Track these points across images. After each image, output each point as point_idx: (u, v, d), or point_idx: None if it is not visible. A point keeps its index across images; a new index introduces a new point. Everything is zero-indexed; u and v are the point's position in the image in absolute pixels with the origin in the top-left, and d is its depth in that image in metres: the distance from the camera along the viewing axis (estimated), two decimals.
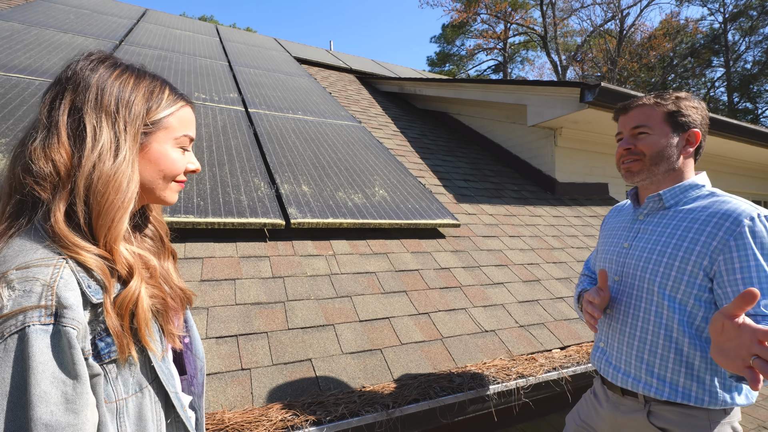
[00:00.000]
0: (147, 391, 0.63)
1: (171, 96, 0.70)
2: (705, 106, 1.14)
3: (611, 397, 1.18)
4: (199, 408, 0.85)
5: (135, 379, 0.61)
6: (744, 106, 22.88)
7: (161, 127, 0.68)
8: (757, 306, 0.89)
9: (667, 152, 1.09)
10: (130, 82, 0.65)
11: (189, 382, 0.84)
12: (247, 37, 7.10)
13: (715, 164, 4.94)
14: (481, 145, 4.73)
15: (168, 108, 0.69)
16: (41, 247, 0.54)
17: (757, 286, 0.90)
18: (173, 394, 0.67)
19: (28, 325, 0.49)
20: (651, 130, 1.10)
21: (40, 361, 0.49)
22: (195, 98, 3.17)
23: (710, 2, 22.01)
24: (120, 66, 0.66)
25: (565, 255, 2.72)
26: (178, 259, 1.70)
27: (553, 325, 1.99)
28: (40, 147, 0.57)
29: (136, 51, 3.96)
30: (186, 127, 0.72)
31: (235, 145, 2.59)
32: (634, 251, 1.13)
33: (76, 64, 0.63)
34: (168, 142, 0.69)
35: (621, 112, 1.18)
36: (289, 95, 4.13)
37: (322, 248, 2.06)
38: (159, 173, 0.68)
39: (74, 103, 0.60)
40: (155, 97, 0.67)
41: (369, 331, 1.63)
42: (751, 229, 0.93)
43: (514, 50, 26.22)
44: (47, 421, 0.48)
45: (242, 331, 1.47)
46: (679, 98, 1.11)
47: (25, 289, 0.50)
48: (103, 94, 0.62)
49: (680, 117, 1.09)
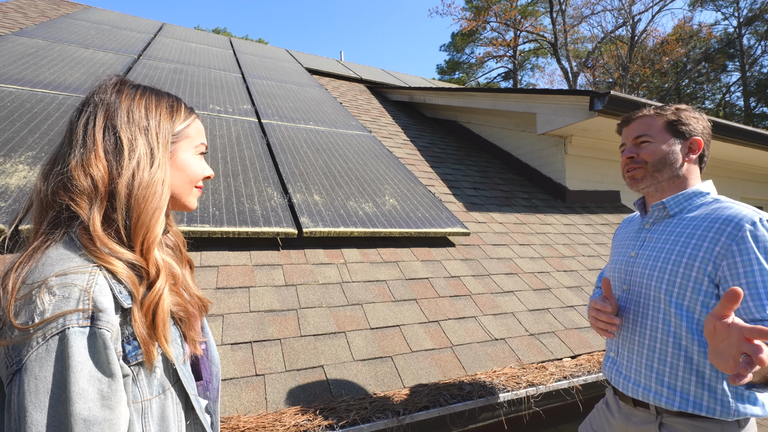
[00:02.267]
0: (169, 393, 0.66)
1: (186, 110, 0.78)
2: (706, 118, 1.16)
3: (623, 408, 1.18)
4: (214, 412, 0.89)
5: (158, 381, 0.64)
6: (761, 111, 22.44)
7: (183, 137, 0.75)
8: (762, 311, 0.90)
9: (669, 159, 1.11)
10: (153, 100, 0.72)
11: (205, 387, 0.88)
12: (259, 49, 7.26)
13: (729, 171, 4.87)
14: (491, 154, 4.75)
15: (186, 120, 0.76)
16: (76, 256, 0.58)
17: (761, 290, 0.91)
18: (193, 397, 0.70)
19: (67, 327, 0.53)
20: (652, 138, 1.13)
21: (78, 360, 0.53)
22: (210, 110, 3.26)
23: (724, 7, 21.77)
24: (141, 87, 0.73)
25: (575, 263, 2.71)
26: (195, 267, 1.75)
27: (563, 333, 1.98)
28: (77, 164, 0.62)
29: (153, 65, 4.10)
30: (201, 136, 0.79)
31: (248, 156, 2.66)
32: (641, 260, 1.14)
33: (102, 88, 0.69)
34: (190, 150, 0.76)
35: (624, 125, 1.21)
36: (301, 106, 4.21)
37: (333, 257, 2.10)
38: (186, 178, 0.74)
39: (107, 122, 0.66)
40: (176, 110, 0.75)
41: (380, 339, 1.66)
42: (753, 233, 0.94)
43: (524, 57, 26.22)
44: (85, 416, 0.52)
45: (256, 337, 1.51)
46: (679, 109, 1.14)
47: (64, 295, 0.54)
48: (133, 111, 0.68)
49: (681, 126, 1.12)
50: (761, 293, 0.91)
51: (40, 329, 0.52)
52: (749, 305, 0.92)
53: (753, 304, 0.92)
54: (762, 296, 0.91)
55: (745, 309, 0.93)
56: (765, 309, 0.90)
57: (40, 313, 0.52)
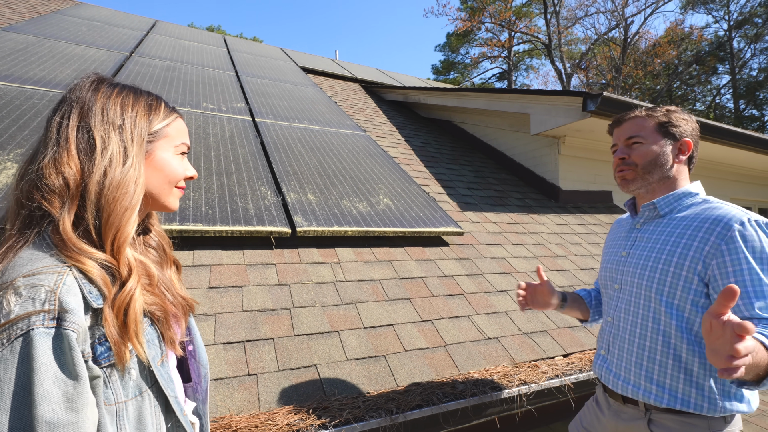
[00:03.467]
0: (147, 395, 0.65)
1: (166, 109, 0.77)
2: (695, 119, 1.18)
3: (612, 405, 1.19)
4: (203, 414, 0.88)
5: (134, 383, 0.63)
6: (750, 113, 22.76)
7: (162, 136, 0.74)
8: (752, 309, 0.91)
9: (660, 160, 1.13)
10: (130, 98, 0.71)
11: (194, 389, 0.87)
12: (254, 48, 7.22)
13: (719, 172, 4.93)
14: (485, 154, 4.77)
15: (166, 119, 0.75)
16: (47, 256, 0.57)
17: (750, 288, 0.92)
18: (173, 399, 0.69)
19: (32, 328, 0.52)
20: (644, 139, 1.14)
21: (43, 362, 0.52)
22: (203, 108, 3.24)
23: (715, 10, 22.04)
24: (119, 85, 0.73)
25: (568, 263, 2.73)
26: (187, 267, 1.74)
27: (556, 332, 2.00)
28: (50, 162, 0.61)
29: (146, 62, 4.06)
30: (183, 136, 0.78)
31: (242, 154, 2.64)
32: (632, 259, 1.16)
33: (79, 86, 0.68)
34: (169, 150, 0.75)
35: (615, 125, 1.22)
36: (296, 105, 4.20)
37: (327, 256, 2.10)
38: (164, 178, 0.73)
39: (81, 120, 0.65)
40: (154, 109, 0.74)
41: (373, 338, 1.66)
42: (741, 233, 0.96)
43: (518, 58, 26.36)
44: (49, 419, 0.51)
45: (249, 337, 1.50)
46: (669, 110, 1.16)
47: (30, 295, 0.53)
48: (108, 109, 0.67)
49: (671, 127, 1.13)
50: (750, 292, 0.93)
51: (4, 330, 0.51)
52: (738, 304, 0.94)
53: (742, 302, 0.93)
54: (750, 295, 0.93)
55: (735, 307, 0.94)
56: (753, 307, 0.91)
57: (6, 314, 0.52)
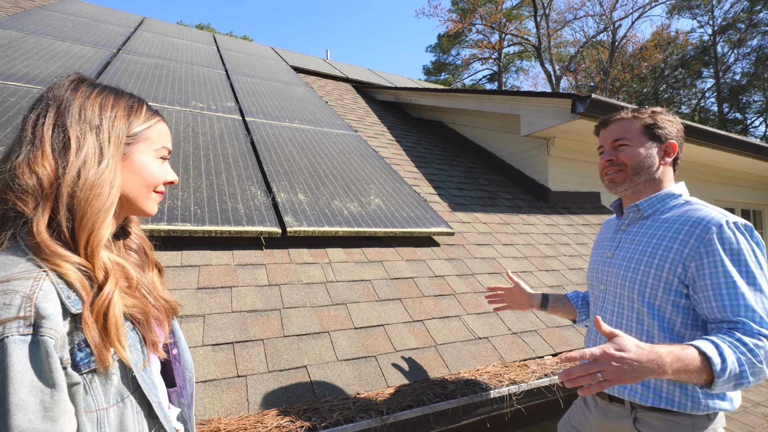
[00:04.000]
0: (129, 401, 0.63)
1: (148, 111, 0.75)
2: (679, 120, 1.20)
3: (600, 404, 1.20)
4: (189, 419, 0.86)
5: (116, 388, 0.62)
6: (734, 117, 23.27)
7: (142, 139, 0.72)
8: (723, 311, 0.93)
9: (646, 162, 1.14)
10: (110, 99, 0.70)
11: (178, 394, 0.86)
12: (244, 46, 7.16)
13: (704, 174, 5.03)
14: (476, 154, 4.79)
15: (147, 121, 0.74)
16: (23, 261, 0.56)
17: (723, 291, 0.94)
18: (156, 405, 0.67)
19: (6, 336, 0.50)
20: (630, 141, 1.15)
21: (18, 370, 0.50)
22: (192, 107, 3.20)
23: (699, 15, 22.49)
24: (99, 85, 0.71)
25: (557, 263, 2.76)
26: (175, 267, 1.72)
27: (545, 332, 2.01)
28: (24, 162, 0.60)
29: (133, 59, 4.00)
30: (164, 139, 0.77)
31: (232, 154, 2.62)
32: (616, 260, 1.17)
33: (58, 85, 0.67)
34: (149, 153, 0.73)
35: (601, 127, 1.23)
36: (286, 104, 4.17)
37: (317, 256, 2.09)
38: (142, 182, 0.72)
39: (58, 119, 0.64)
40: (135, 111, 0.72)
41: (364, 338, 1.65)
42: (719, 236, 0.98)
43: (509, 60, 26.56)
44: (25, 429, 0.49)
45: (238, 338, 1.49)
46: (655, 112, 1.17)
47: (5, 302, 0.51)
48: (86, 109, 0.66)
49: (657, 129, 1.15)
50: (723, 294, 0.94)
51: None
52: (712, 306, 0.95)
53: (715, 305, 0.95)
54: (724, 297, 0.94)
55: (709, 309, 0.96)
56: (726, 310, 0.93)
57: None
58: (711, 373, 0.85)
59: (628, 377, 0.82)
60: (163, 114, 2.85)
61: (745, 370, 0.86)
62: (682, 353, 0.85)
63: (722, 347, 0.87)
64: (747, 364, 0.86)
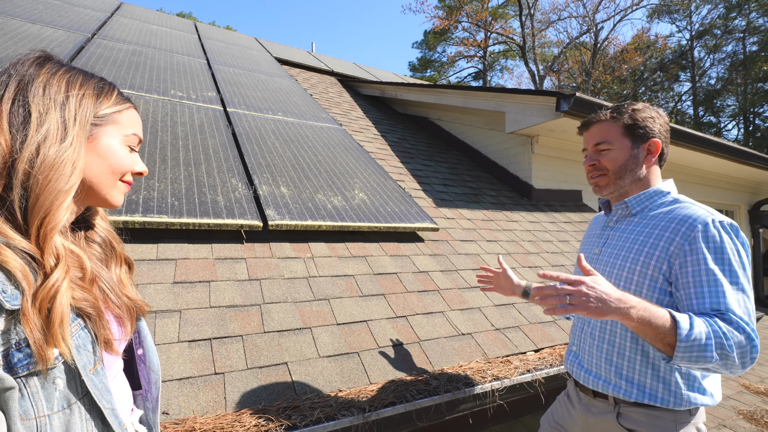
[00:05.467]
0: (76, 408, 0.57)
1: (119, 96, 0.71)
2: (663, 114, 1.17)
3: (583, 399, 1.21)
4: (154, 424, 0.82)
5: (61, 393, 0.56)
6: (708, 120, 24.06)
7: (111, 122, 0.67)
8: (704, 307, 0.93)
9: (629, 165, 1.14)
10: (78, 78, 0.65)
11: (144, 397, 0.81)
12: (226, 36, 6.98)
13: (681, 174, 5.16)
14: (461, 151, 4.80)
15: (117, 105, 0.69)
16: None
17: (705, 288, 0.94)
18: (108, 411, 0.62)
19: None
20: (611, 145, 1.14)
21: None
22: (171, 96, 3.09)
23: (678, 20, 23.11)
24: (68, 65, 0.66)
25: (540, 260, 2.78)
26: (151, 261, 1.65)
27: (528, 328, 2.02)
28: None
29: (109, 45, 3.84)
30: (135, 126, 0.72)
31: (212, 145, 2.54)
32: (603, 257, 1.17)
33: (22, 60, 0.62)
34: (117, 138, 0.68)
35: (583, 129, 1.23)
36: (270, 96, 4.08)
37: (300, 250, 2.04)
38: (108, 167, 0.66)
39: (18, 93, 0.59)
40: (105, 93, 0.68)
41: (346, 334, 1.62)
42: (704, 234, 0.98)
43: (493, 59, 26.77)
44: None
45: (216, 334, 1.44)
46: (635, 110, 1.14)
47: None
48: (51, 85, 0.61)
49: (638, 129, 1.13)
50: (704, 291, 0.94)
51: None
52: (693, 303, 0.96)
53: (696, 302, 0.95)
54: (704, 294, 0.94)
55: (689, 305, 0.96)
56: (704, 305, 0.93)
57: None
58: (675, 336, 0.85)
59: (593, 308, 0.83)
60: (140, 102, 2.75)
61: (711, 344, 0.85)
62: (652, 307, 0.88)
63: (694, 318, 0.88)
64: (715, 339, 0.85)
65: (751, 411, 2.81)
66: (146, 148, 2.20)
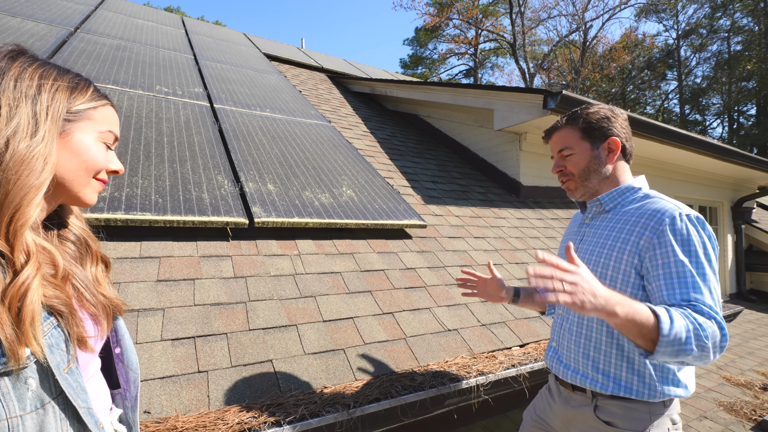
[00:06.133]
0: (51, 408, 0.57)
1: (95, 92, 0.70)
2: (621, 112, 1.20)
3: (563, 393, 1.23)
4: (133, 423, 0.81)
5: (34, 394, 0.55)
6: (694, 118, 24.48)
7: (85, 118, 0.66)
8: (674, 298, 0.95)
9: (592, 165, 1.17)
10: (52, 72, 0.64)
11: (122, 396, 0.80)
12: (214, 31, 6.90)
13: (667, 171, 5.25)
14: (450, 148, 4.81)
15: (92, 101, 0.68)
16: None
17: (675, 280, 0.96)
18: (83, 411, 0.61)
19: None
20: (572, 149, 1.18)
21: None
22: (156, 91, 3.05)
23: (665, 19, 23.43)
24: (42, 59, 0.65)
25: (527, 256, 2.81)
26: (133, 258, 1.63)
27: (513, 323, 2.05)
28: None
29: (93, 39, 3.77)
30: (111, 124, 0.71)
31: (198, 141, 2.51)
32: (580, 253, 1.20)
33: None
34: (92, 134, 0.67)
35: (547, 138, 1.28)
36: (258, 92, 4.05)
37: (287, 248, 2.03)
38: (81, 164, 0.65)
39: None
40: (80, 88, 0.67)
41: (332, 331, 1.63)
42: (671, 227, 1.00)
43: (484, 56, 26.87)
44: None
45: (200, 332, 1.43)
46: (589, 114, 1.18)
47: None
48: (23, 78, 0.60)
49: (594, 130, 1.16)
50: (674, 283, 0.96)
51: None
52: (663, 294, 0.98)
53: (666, 293, 0.97)
54: (674, 285, 0.96)
55: (660, 297, 0.98)
56: (675, 296, 0.95)
57: None
58: (657, 332, 0.86)
59: (586, 301, 0.82)
60: (124, 98, 2.70)
61: (690, 338, 0.86)
62: (635, 303, 0.88)
63: (672, 312, 0.89)
64: (693, 332, 0.87)
65: (732, 402, 2.88)
66: (130, 145, 2.17)
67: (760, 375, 3.44)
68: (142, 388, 1.18)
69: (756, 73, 20.54)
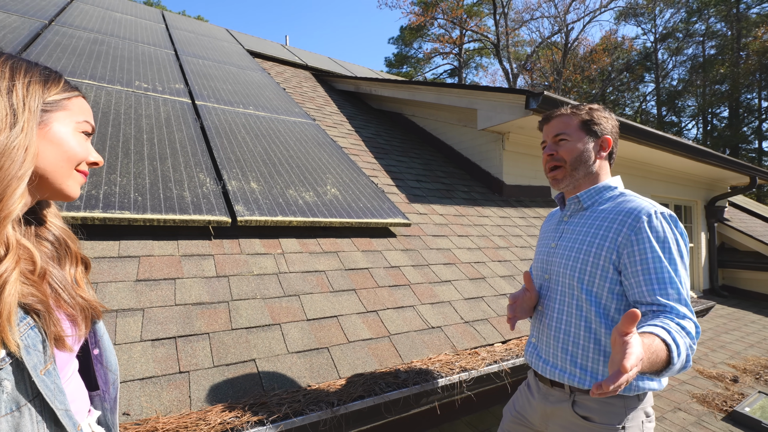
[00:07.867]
0: (26, 410, 0.55)
1: (66, 84, 0.69)
2: (614, 117, 1.27)
3: (542, 389, 1.26)
4: (112, 425, 0.80)
5: (9, 396, 0.54)
6: (670, 119, 25.19)
7: (61, 108, 0.66)
8: (653, 294, 0.99)
9: (584, 156, 1.20)
10: (23, 65, 0.63)
11: (101, 398, 0.79)
12: (196, 26, 6.77)
13: (643, 171, 5.39)
14: (435, 147, 4.85)
15: (65, 92, 0.67)
16: None
17: (653, 276, 1.01)
18: (61, 413, 0.60)
19: None
20: (569, 136, 1.21)
21: None
22: (135, 87, 2.98)
23: (643, 23, 24.03)
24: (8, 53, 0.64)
25: (509, 254, 2.85)
26: (112, 258, 1.60)
27: (496, 320, 2.08)
28: None
29: (68, 32, 3.65)
30: (86, 114, 0.70)
31: (179, 139, 2.46)
32: (559, 250, 1.22)
33: None
34: (69, 125, 0.67)
35: (544, 123, 1.29)
36: (241, 89, 3.99)
37: (270, 247, 2.02)
38: (62, 155, 0.64)
39: None
40: (52, 80, 0.66)
41: (316, 330, 1.62)
42: (648, 224, 1.05)
43: (468, 56, 27.09)
44: None
45: (181, 332, 1.41)
46: (592, 109, 1.23)
47: None
48: None
49: (593, 125, 1.20)
50: (653, 279, 1.00)
51: None
52: (642, 290, 1.02)
53: (645, 288, 1.01)
54: (653, 282, 1.00)
55: (639, 293, 1.02)
56: (654, 294, 1.00)
57: None
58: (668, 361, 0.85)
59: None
60: (102, 94, 2.64)
61: (689, 354, 0.90)
62: (653, 345, 0.83)
63: (674, 335, 0.87)
64: (689, 348, 0.90)
65: (704, 394, 2.99)
66: (108, 142, 2.12)
67: (730, 368, 3.57)
68: (121, 389, 1.16)
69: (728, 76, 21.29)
